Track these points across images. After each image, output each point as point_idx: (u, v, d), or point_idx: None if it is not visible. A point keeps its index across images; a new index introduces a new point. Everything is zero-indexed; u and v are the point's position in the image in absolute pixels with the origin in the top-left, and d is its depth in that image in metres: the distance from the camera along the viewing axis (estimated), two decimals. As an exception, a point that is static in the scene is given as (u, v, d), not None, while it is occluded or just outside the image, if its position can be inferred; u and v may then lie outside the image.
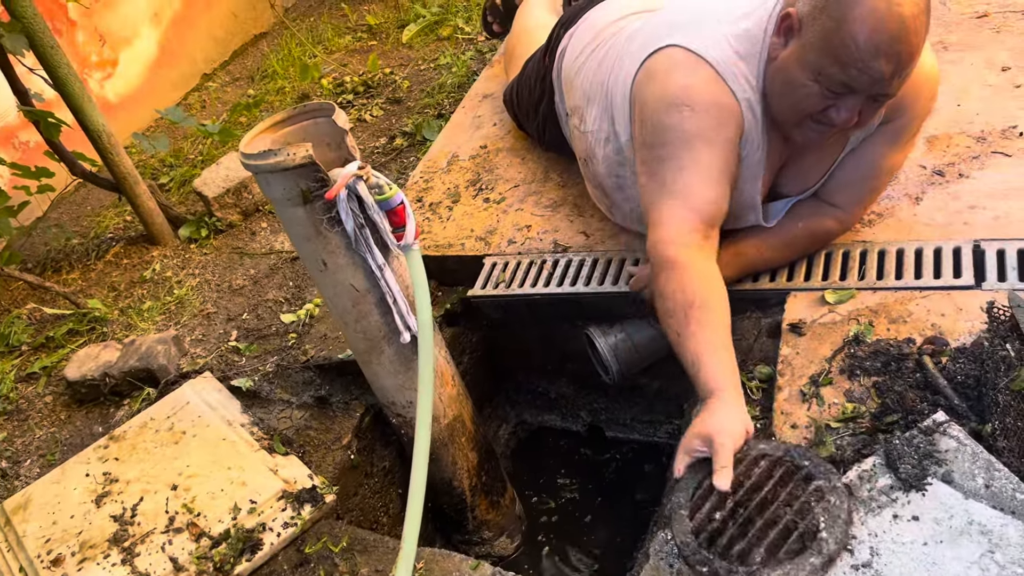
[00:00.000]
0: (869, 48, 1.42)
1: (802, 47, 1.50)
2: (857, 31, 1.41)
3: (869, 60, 1.43)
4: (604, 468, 2.55)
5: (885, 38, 1.41)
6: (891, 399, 1.46)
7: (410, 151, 3.13)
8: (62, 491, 1.96)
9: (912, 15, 1.40)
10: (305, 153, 1.56)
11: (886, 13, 1.40)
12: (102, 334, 2.65)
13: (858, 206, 1.80)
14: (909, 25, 1.41)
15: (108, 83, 3.89)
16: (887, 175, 1.74)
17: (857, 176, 1.74)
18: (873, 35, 1.41)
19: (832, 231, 1.82)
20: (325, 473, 1.96)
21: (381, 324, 1.80)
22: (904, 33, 1.41)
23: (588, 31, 2.12)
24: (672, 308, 1.51)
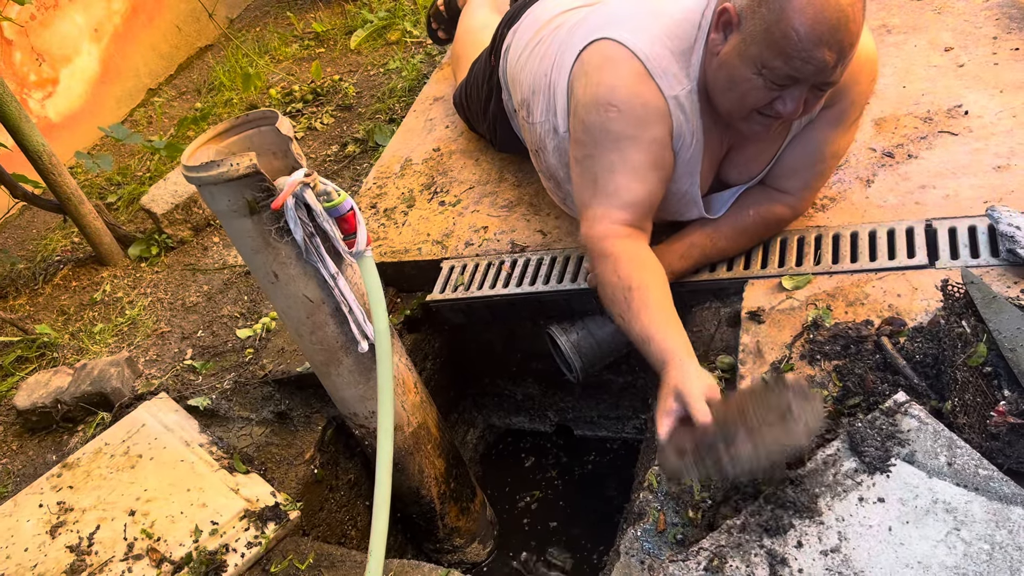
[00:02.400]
0: (811, 38, 1.41)
1: (743, 41, 1.49)
2: (798, 22, 1.41)
3: (812, 50, 1.43)
4: (574, 467, 2.53)
5: (826, 27, 1.41)
6: (852, 382, 1.46)
7: (363, 157, 3.09)
8: (15, 524, 1.89)
9: (849, 3, 1.41)
10: (249, 163, 1.52)
11: (824, 2, 1.39)
12: (52, 359, 2.57)
13: (807, 191, 1.80)
14: (848, 12, 1.41)
15: (49, 102, 3.79)
16: (833, 159, 1.75)
17: (803, 162, 1.74)
18: (814, 25, 1.40)
19: (783, 217, 1.82)
20: (288, 489, 1.92)
21: (338, 334, 1.77)
22: (844, 21, 1.41)
23: (530, 27, 2.11)
24: (613, 294, 1.58)
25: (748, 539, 1.25)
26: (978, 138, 1.89)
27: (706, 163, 1.74)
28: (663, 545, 1.47)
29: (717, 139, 1.72)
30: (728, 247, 1.81)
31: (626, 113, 1.61)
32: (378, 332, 1.66)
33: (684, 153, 1.69)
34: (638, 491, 1.62)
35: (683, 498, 1.53)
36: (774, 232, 1.84)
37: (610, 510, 2.33)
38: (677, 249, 1.79)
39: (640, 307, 1.52)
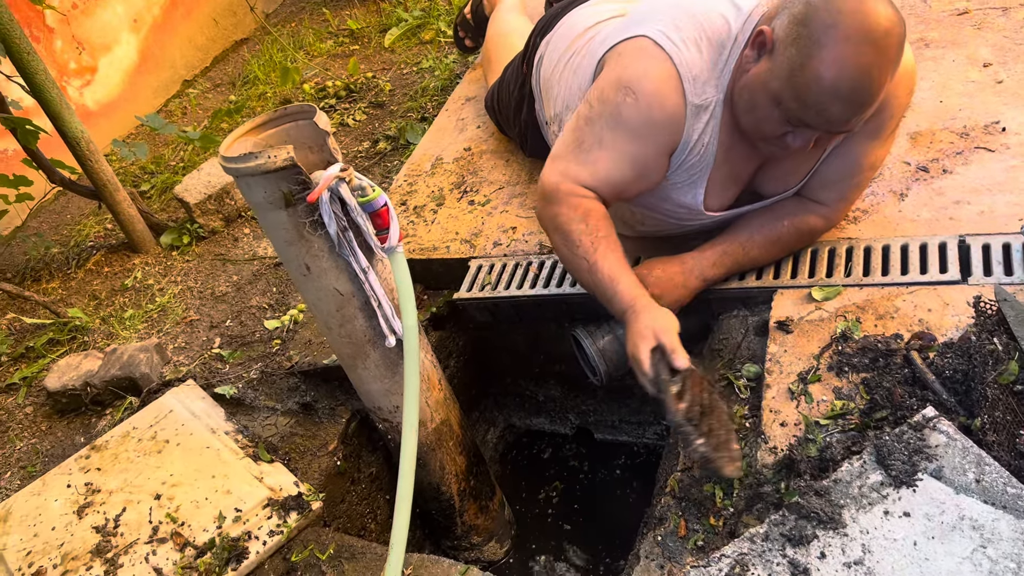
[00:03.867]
0: (828, 92, 1.42)
1: (769, 71, 1.49)
2: (821, 73, 1.41)
3: (829, 103, 1.44)
4: (592, 471, 2.53)
5: (846, 85, 1.41)
6: (880, 395, 1.45)
7: (393, 155, 3.11)
8: (43, 503, 1.93)
9: (878, 64, 1.40)
10: (286, 155, 1.54)
11: (852, 61, 1.39)
12: (83, 343, 2.61)
13: (842, 203, 1.79)
14: (872, 74, 1.41)
15: (87, 90, 3.84)
16: (870, 171, 1.74)
17: (840, 174, 1.73)
18: (836, 81, 1.41)
19: (817, 228, 1.82)
20: (311, 480, 1.93)
21: (366, 328, 1.78)
22: (866, 82, 1.41)
23: (563, 39, 2.10)
24: (579, 238, 1.67)
25: (771, 548, 1.25)
26: (1015, 155, 1.87)
27: (724, 177, 1.74)
28: (683, 550, 1.47)
29: (744, 154, 1.71)
30: (760, 256, 1.81)
31: (642, 107, 1.61)
32: (407, 328, 1.68)
33: (687, 162, 1.69)
34: (659, 496, 1.63)
35: (705, 504, 1.53)
36: (807, 243, 1.83)
37: (627, 514, 2.33)
38: (709, 256, 1.79)
39: (608, 253, 1.65)
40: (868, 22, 1.39)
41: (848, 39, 1.39)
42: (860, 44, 1.39)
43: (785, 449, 1.47)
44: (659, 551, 1.48)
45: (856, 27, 1.39)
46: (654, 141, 1.65)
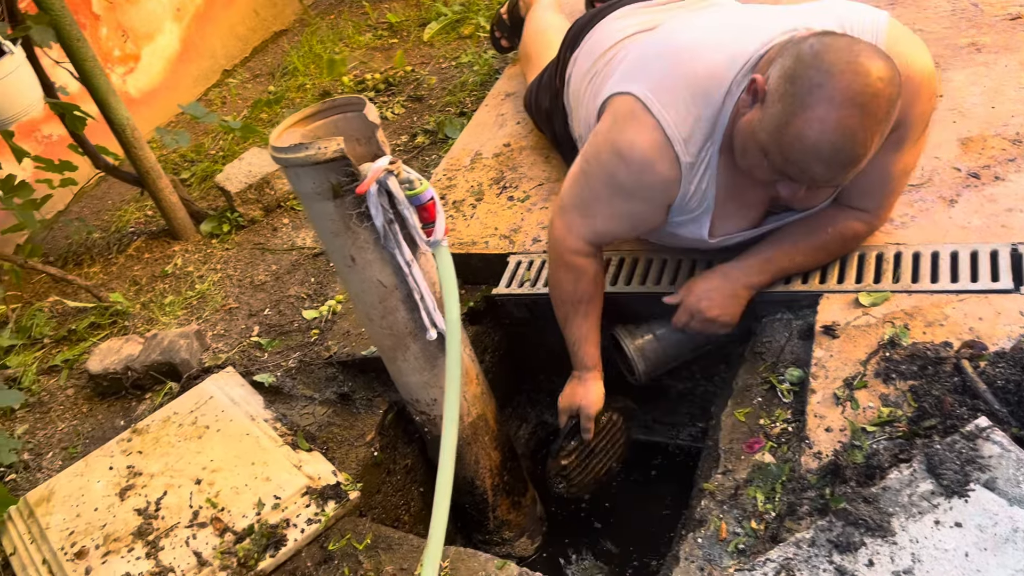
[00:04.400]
0: (811, 153, 1.40)
1: (759, 121, 1.47)
2: (804, 133, 1.39)
3: (810, 163, 1.42)
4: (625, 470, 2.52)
5: (828, 148, 1.39)
6: (928, 403, 1.43)
7: (431, 149, 3.12)
8: (86, 484, 1.96)
9: (863, 127, 1.37)
10: (336, 147, 1.54)
11: (836, 123, 1.36)
12: (124, 328, 2.65)
13: (882, 209, 1.76)
14: (858, 138, 1.38)
15: (130, 78, 3.89)
16: (902, 176, 1.70)
17: (872, 185, 1.69)
18: (817, 142, 1.39)
19: (860, 232, 1.79)
20: (348, 470, 1.95)
21: (407, 321, 1.79)
22: (850, 145, 1.38)
23: (588, 57, 2.09)
24: (564, 300, 1.89)
25: (817, 554, 1.24)
26: (1070, 164, 1.84)
27: (733, 209, 1.73)
28: (724, 554, 1.47)
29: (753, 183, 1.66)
30: (805, 262, 1.79)
31: (634, 172, 1.65)
32: (449, 321, 1.68)
33: (686, 208, 1.72)
34: (698, 498, 1.62)
35: (746, 508, 1.52)
36: (851, 248, 1.81)
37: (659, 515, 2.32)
38: (753, 264, 1.77)
39: (583, 319, 1.88)
40: (856, 83, 1.35)
41: (833, 100, 1.36)
42: (845, 107, 1.35)
43: (830, 455, 1.46)
44: (699, 553, 1.47)
45: (843, 88, 1.35)
46: (649, 200, 1.70)
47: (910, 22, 2.44)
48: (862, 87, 1.34)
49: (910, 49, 1.56)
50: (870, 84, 1.34)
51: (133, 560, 1.74)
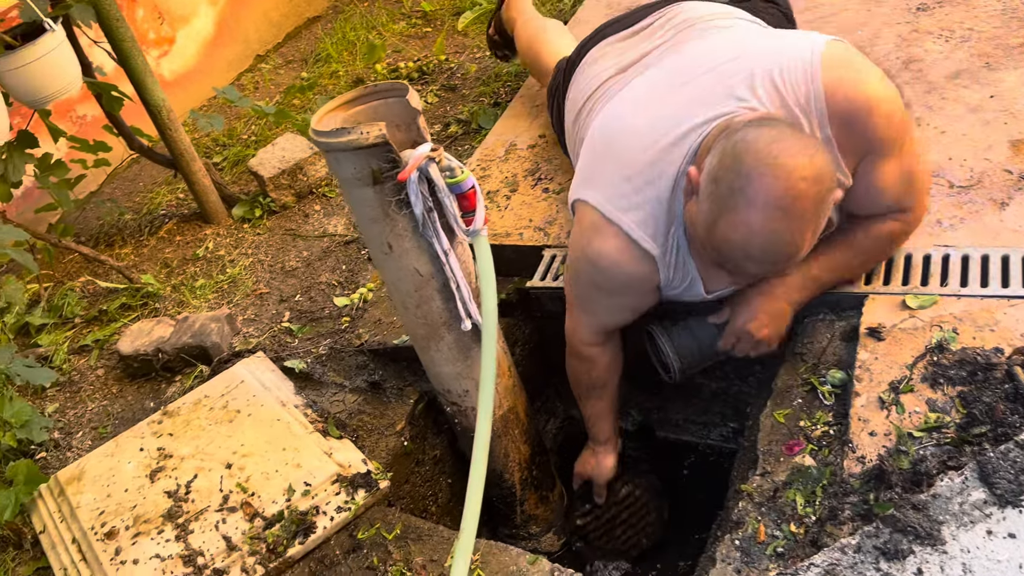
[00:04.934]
0: (740, 253, 1.40)
1: (696, 215, 1.47)
2: (730, 236, 1.38)
3: (740, 262, 1.42)
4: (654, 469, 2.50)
5: (756, 250, 1.38)
6: (978, 410, 1.40)
7: (464, 139, 3.10)
8: (116, 464, 1.96)
9: (789, 229, 1.35)
10: (379, 133, 1.53)
11: (760, 227, 1.35)
12: (154, 310, 2.65)
13: (907, 211, 1.67)
14: (785, 239, 1.36)
15: (164, 60, 3.90)
16: (906, 180, 1.60)
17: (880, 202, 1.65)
18: (745, 245, 1.38)
19: (896, 231, 1.70)
20: (378, 459, 1.94)
21: (443, 310, 1.77)
22: (778, 246, 1.37)
23: (573, 106, 2.13)
24: (578, 383, 2.02)
25: (863, 560, 1.21)
26: (1126, 168, 1.79)
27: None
28: (762, 556, 1.44)
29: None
30: (847, 272, 1.73)
31: (611, 276, 1.70)
32: (487, 312, 1.66)
33: (675, 286, 1.73)
34: (735, 499, 1.59)
35: (785, 511, 1.49)
36: (890, 251, 1.74)
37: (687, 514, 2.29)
38: (793, 283, 1.69)
39: (597, 400, 2.01)
40: (776, 187, 1.31)
41: (755, 204, 1.33)
42: (768, 210, 1.33)
43: (875, 459, 1.43)
44: (737, 555, 1.45)
45: (764, 192, 1.32)
46: (636, 292, 1.74)
47: (959, 22, 2.39)
48: (783, 191, 1.31)
49: (851, 74, 1.51)
50: (791, 187, 1.31)
51: (163, 542, 1.74)
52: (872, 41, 2.43)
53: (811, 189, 1.32)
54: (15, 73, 2.28)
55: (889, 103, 1.53)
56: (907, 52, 2.33)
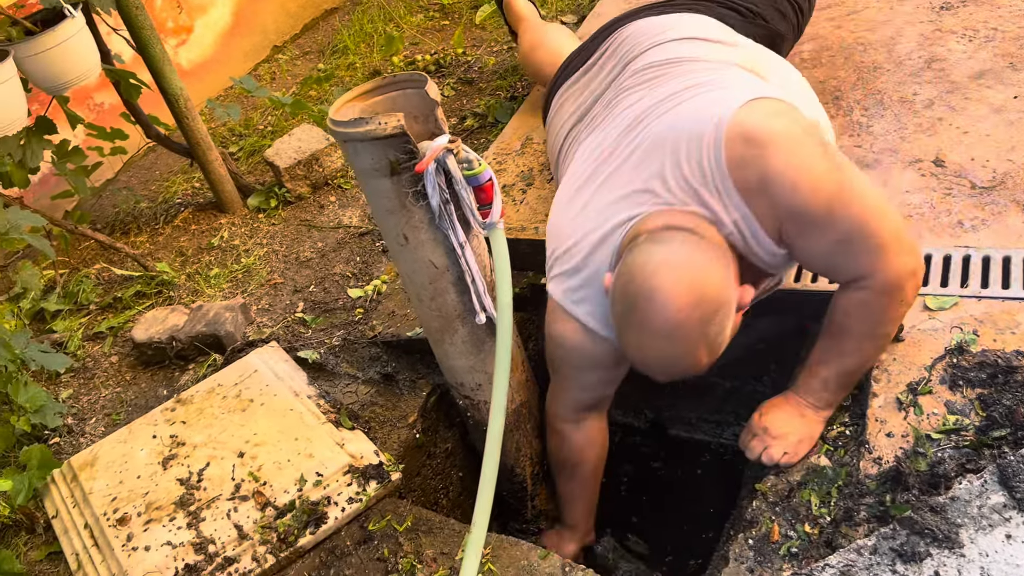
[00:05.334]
0: (642, 367, 1.47)
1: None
2: (630, 352, 1.45)
3: (653, 374, 1.47)
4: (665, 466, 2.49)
5: (654, 367, 1.44)
6: (999, 413, 1.38)
7: (480, 132, 3.09)
8: (129, 451, 1.96)
9: (676, 352, 1.37)
10: (397, 123, 1.52)
11: (650, 350, 1.39)
12: (169, 298, 2.66)
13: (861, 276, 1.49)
14: (676, 359, 1.39)
15: (182, 49, 3.90)
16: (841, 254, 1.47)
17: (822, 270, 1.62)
18: (643, 361, 1.45)
19: (868, 301, 1.50)
20: (389, 451, 1.93)
21: (457, 303, 1.77)
22: (674, 365, 1.40)
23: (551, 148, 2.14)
24: (551, 457, 2.01)
25: (879, 562, 1.20)
26: None
27: None
28: (776, 556, 1.43)
29: None
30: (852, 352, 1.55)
31: (577, 355, 1.72)
32: (502, 305, 1.66)
33: None
34: (749, 498, 1.58)
35: (799, 511, 1.48)
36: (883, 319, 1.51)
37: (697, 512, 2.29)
38: (811, 386, 1.60)
39: (568, 481, 1.96)
40: (656, 319, 1.34)
41: (641, 330, 1.38)
42: (653, 337, 1.37)
43: (891, 461, 1.41)
44: (750, 554, 1.44)
45: (645, 322, 1.36)
46: (603, 367, 1.74)
47: (983, 21, 2.36)
48: (662, 322, 1.34)
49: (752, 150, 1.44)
50: (668, 318, 1.33)
51: (174, 529, 1.74)
52: (895, 40, 2.41)
53: (692, 315, 1.33)
54: (35, 59, 2.29)
55: (799, 173, 1.41)
56: (930, 51, 2.31)
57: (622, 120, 1.75)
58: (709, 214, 1.48)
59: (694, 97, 1.62)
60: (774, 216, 1.46)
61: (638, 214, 1.54)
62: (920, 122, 2.08)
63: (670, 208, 1.50)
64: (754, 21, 2.10)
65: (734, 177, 1.45)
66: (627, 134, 1.69)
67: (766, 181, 1.43)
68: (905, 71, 2.27)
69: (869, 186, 1.48)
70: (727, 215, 1.47)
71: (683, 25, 1.93)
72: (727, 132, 1.47)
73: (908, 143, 2.02)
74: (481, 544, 1.54)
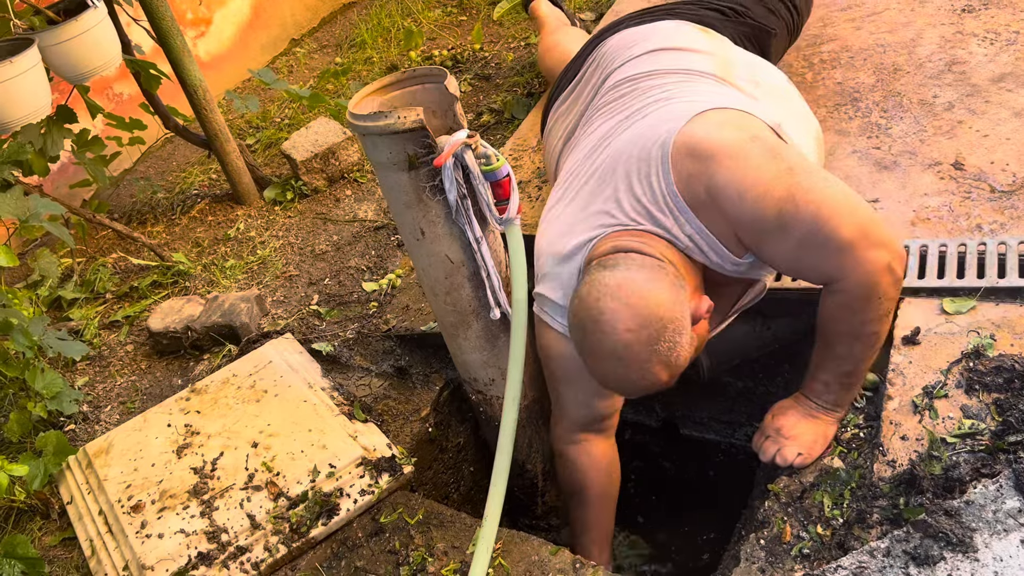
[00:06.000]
0: (607, 385, 1.50)
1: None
2: (593, 372, 1.48)
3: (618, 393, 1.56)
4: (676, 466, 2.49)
5: (615, 386, 1.48)
6: (1015, 417, 1.37)
7: (497, 128, 3.09)
8: (144, 439, 1.98)
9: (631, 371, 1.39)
10: (416, 117, 1.52)
11: (607, 372, 1.42)
12: (184, 288, 2.67)
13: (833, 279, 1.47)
14: (632, 379, 1.40)
15: (200, 41, 3.92)
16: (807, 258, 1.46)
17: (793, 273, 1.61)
18: (603, 381, 1.48)
19: (847, 303, 1.47)
20: (402, 444, 1.94)
21: (472, 298, 1.77)
22: (631, 384, 1.42)
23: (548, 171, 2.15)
24: (562, 486, 1.95)
25: (892, 564, 1.19)
26: None
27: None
28: (787, 557, 1.43)
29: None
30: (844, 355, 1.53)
31: (564, 364, 1.72)
32: (516, 301, 1.66)
33: None
34: (761, 499, 1.58)
35: (811, 512, 1.48)
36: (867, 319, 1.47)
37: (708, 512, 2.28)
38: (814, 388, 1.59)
39: (579, 506, 1.89)
40: (605, 343, 1.38)
41: (595, 354, 1.42)
42: (606, 360, 1.40)
43: (906, 464, 1.41)
44: (762, 555, 1.44)
45: (597, 346, 1.40)
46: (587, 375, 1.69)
47: (1005, 24, 2.34)
48: (612, 345, 1.38)
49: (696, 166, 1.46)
50: (618, 340, 1.37)
51: (188, 518, 1.75)
52: (915, 42, 2.39)
53: (639, 336, 1.36)
54: (57, 48, 2.30)
55: (745, 182, 1.42)
56: (951, 54, 2.30)
57: (589, 142, 1.80)
58: (663, 232, 1.50)
59: (649, 115, 1.65)
60: (728, 227, 1.48)
61: (595, 236, 1.58)
62: (940, 125, 2.07)
63: (623, 229, 1.54)
64: (738, 20, 2.11)
65: (683, 193, 1.48)
66: (591, 156, 1.74)
67: (713, 193, 1.45)
68: (925, 73, 2.26)
69: (828, 184, 1.44)
70: (681, 231, 1.50)
71: (657, 36, 1.93)
72: (673, 149, 1.50)
73: (927, 145, 2.01)
74: (492, 538, 1.55)
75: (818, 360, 1.58)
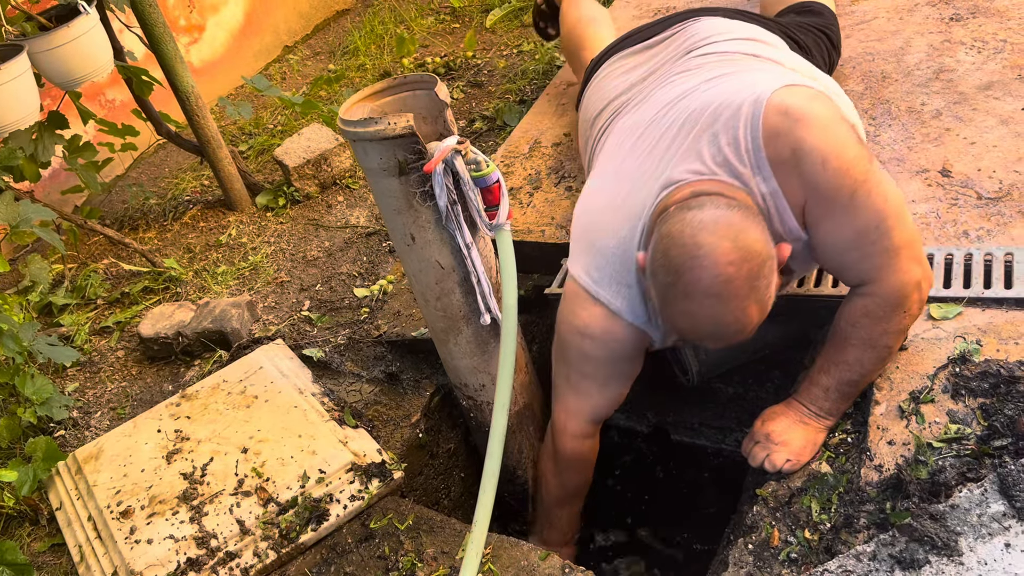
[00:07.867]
0: (692, 335, 1.45)
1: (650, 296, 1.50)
2: (677, 323, 1.42)
3: (696, 341, 1.48)
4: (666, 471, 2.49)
5: (705, 332, 1.41)
6: (1000, 422, 1.38)
7: (489, 135, 3.10)
8: (133, 444, 1.97)
9: (728, 310, 1.35)
10: (406, 123, 1.53)
11: (700, 315, 1.37)
12: (176, 294, 2.67)
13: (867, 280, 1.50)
14: (727, 319, 1.36)
15: (193, 48, 3.93)
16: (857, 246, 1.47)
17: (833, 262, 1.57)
18: (692, 329, 1.42)
19: (870, 309, 1.50)
20: (392, 449, 1.94)
21: (462, 304, 1.78)
22: (724, 326, 1.37)
23: (585, 120, 2.13)
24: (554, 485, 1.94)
25: (877, 568, 1.20)
26: None
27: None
28: (775, 561, 1.43)
29: None
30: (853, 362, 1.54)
31: (600, 344, 1.68)
32: (506, 307, 1.67)
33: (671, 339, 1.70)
34: (750, 504, 1.58)
35: (799, 517, 1.49)
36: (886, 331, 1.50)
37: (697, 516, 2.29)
38: (812, 393, 1.60)
39: (555, 499, 1.94)
40: (704, 278, 1.33)
41: (689, 296, 1.35)
42: (702, 299, 1.34)
43: (892, 468, 1.42)
44: (750, 559, 1.44)
45: (694, 284, 1.34)
46: (627, 358, 1.72)
47: (992, 33, 2.37)
48: (711, 279, 1.32)
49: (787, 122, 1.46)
50: (719, 274, 1.32)
51: (177, 523, 1.75)
52: (904, 50, 2.41)
53: (740, 270, 1.32)
54: (48, 54, 2.31)
55: (831, 150, 1.43)
56: (938, 62, 2.31)
57: (663, 98, 1.76)
58: (740, 184, 1.48)
59: (738, 77, 1.65)
60: (801, 193, 1.47)
61: (676, 183, 1.53)
62: (927, 132, 2.08)
63: (699, 180, 1.50)
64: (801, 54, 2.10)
65: (767, 149, 1.46)
66: (666, 111, 1.70)
67: (798, 153, 1.44)
68: (913, 81, 2.27)
69: (894, 188, 1.49)
70: (756, 188, 1.48)
71: (750, 31, 1.95)
72: (766, 105, 1.48)
73: (915, 153, 2.03)
74: (482, 543, 1.55)
75: (823, 363, 1.59)
